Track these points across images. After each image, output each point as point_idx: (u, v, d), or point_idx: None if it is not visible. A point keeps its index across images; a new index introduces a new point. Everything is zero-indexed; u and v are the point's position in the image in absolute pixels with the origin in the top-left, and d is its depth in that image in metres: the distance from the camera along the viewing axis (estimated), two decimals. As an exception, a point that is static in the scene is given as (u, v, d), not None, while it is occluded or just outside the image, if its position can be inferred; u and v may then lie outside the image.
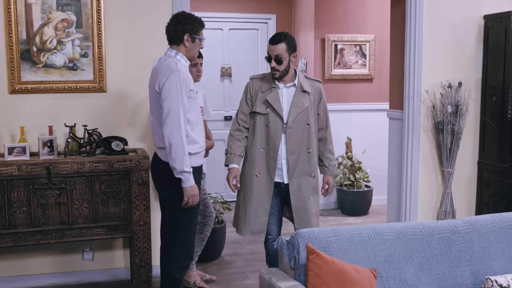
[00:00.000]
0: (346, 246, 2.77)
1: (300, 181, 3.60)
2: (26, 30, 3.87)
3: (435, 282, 2.84)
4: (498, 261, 2.95)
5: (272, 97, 3.51)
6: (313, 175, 3.66)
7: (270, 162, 3.56)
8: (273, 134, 3.53)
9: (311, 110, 3.56)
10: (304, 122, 3.55)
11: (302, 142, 3.56)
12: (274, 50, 3.45)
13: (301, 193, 3.61)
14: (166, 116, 3.05)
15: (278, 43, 3.45)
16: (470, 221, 3.02)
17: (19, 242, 3.59)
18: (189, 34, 3.20)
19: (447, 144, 4.66)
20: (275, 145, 3.53)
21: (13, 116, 3.90)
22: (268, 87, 3.54)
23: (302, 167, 3.58)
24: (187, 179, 3.08)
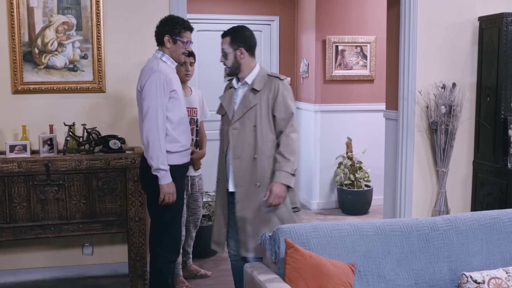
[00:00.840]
0: (325, 242, 2.86)
1: (249, 190, 3.23)
2: (29, 33, 4.03)
3: (412, 278, 2.92)
4: (476, 257, 3.02)
5: (225, 97, 3.34)
6: (259, 184, 3.22)
7: (221, 166, 3.35)
8: (225, 136, 3.30)
9: (260, 111, 3.18)
10: (250, 124, 3.19)
11: (248, 146, 3.20)
12: (221, 44, 3.31)
13: (248, 204, 3.24)
14: (145, 114, 3.20)
15: (223, 37, 3.30)
16: (449, 218, 3.10)
17: (19, 236, 3.74)
18: (169, 36, 3.33)
19: (441, 144, 4.72)
20: (223, 148, 3.33)
21: (15, 115, 4.06)
22: (228, 87, 3.40)
23: (249, 175, 3.22)
24: (163, 176, 3.21)
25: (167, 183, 3.21)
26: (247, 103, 3.20)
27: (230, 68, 3.30)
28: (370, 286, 2.85)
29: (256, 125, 3.18)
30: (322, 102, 6.29)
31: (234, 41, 3.25)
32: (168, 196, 3.24)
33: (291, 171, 3.20)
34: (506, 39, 4.48)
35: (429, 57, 4.75)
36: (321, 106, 6.28)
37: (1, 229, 3.70)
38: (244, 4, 6.70)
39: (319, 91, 6.27)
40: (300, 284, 2.61)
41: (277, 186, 3.16)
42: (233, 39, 3.25)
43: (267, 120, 3.19)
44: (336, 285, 2.67)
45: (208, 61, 6.68)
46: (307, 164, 6.60)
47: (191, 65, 4.14)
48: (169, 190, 3.23)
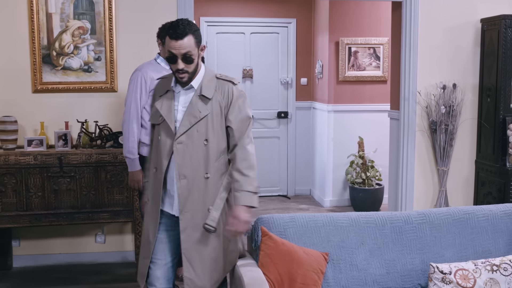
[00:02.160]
0: (301, 231, 3.07)
1: (196, 216, 2.70)
2: (47, 37, 4.38)
3: (384, 267, 3.09)
4: (449, 250, 3.16)
5: (163, 103, 2.75)
6: (211, 208, 2.72)
7: (156, 185, 2.76)
8: (162, 150, 2.72)
9: (212, 122, 2.69)
10: (201, 137, 2.68)
11: (198, 163, 2.69)
12: (180, 46, 2.59)
13: (195, 233, 2.70)
14: (124, 107, 3.64)
15: (184, 37, 2.59)
16: (424, 213, 3.25)
17: (35, 223, 4.09)
18: (159, 39, 3.66)
19: (441, 143, 4.83)
20: (162, 164, 2.72)
21: (35, 113, 4.42)
22: (164, 90, 2.78)
23: (198, 198, 2.70)
24: (129, 164, 3.66)
25: (131, 170, 3.66)
26: (195, 112, 2.68)
27: (191, 73, 2.68)
28: (342, 274, 3.04)
29: (208, 139, 2.69)
30: (335, 102, 6.45)
31: (198, 39, 2.67)
32: (133, 184, 3.63)
33: (253, 189, 2.73)
34: (505, 40, 4.56)
35: (430, 59, 4.87)
36: (334, 106, 6.45)
37: (19, 216, 4.06)
38: (262, 7, 6.93)
39: (332, 92, 6.44)
40: (271, 268, 2.83)
41: (242, 210, 2.68)
42: (197, 37, 2.66)
43: (220, 133, 2.72)
44: (306, 271, 2.87)
45: (226, 62, 6.94)
46: (321, 163, 6.78)
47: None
48: (133, 178, 3.64)
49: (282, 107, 7.13)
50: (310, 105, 7.13)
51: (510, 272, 2.97)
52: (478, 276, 2.95)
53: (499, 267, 2.97)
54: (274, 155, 7.15)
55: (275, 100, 7.11)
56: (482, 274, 2.95)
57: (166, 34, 2.64)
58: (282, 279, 2.81)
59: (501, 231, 3.23)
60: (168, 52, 2.62)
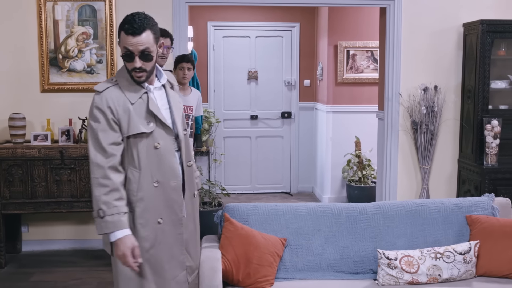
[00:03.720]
0: (262, 219, 3.39)
1: (188, 204, 2.68)
2: (54, 42, 4.82)
3: (338, 253, 3.38)
4: (400, 239, 3.42)
5: (153, 105, 2.53)
6: (196, 193, 2.78)
7: (173, 196, 2.57)
8: (168, 156, 2.56)
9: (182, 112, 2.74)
10: (184, 127, 2.69)
11: (188, 154, 2.69)
12: (138, 43, 2.41)
13: (190, 223, 2.71)
14: None
15: (142, 32, 2.41)
16: (379, 204, 3.52)
17: (39, 210, 4.53)
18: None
19: (422, 142, 5.06)
20: (175, 171, 2.57)
21: (43, 110, 4.86)
22: (138, 95, 2.51)
23: (189, 187, 2.69)
24: None
25: None
26: (178, 104, 2.70)
27: (149, 71, 2.52)
28: (299, 258, 3.34)
29: (186, 128, 2.73)
30: (334, 103, 6.72)
31: (156, 33, 2.51)
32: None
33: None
34: (482, 44, 4.77)
35: (414, 62, 5.10)
36: (333, 106, 6.72)
37: (25, 204, 4.50)
38: (266, 11, 7.25)
39: (331, 93, 6.71)
40: (229, 250, 3.15)
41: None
42: (155, 31, 2.50)
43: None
44: (262, 253, 3.18)
45: (232, 64, 7.29)
46: (321, 161, 7.05)
47: (188, 70, 4.64)
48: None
49: (285, 107, 7.44)
50: (313, 106, 7.41)
51: (452, 259, 3.22)
52: (422, 263, 3.20)
53: (442, 255, 3.23)
54: (278, 153, 7.46)
55: (279, 101, 7.43)
56: (426, 261, 3.21)
57: (121, 30, 2.44)
58: (238, 260, 3.13)
59: (451, 223, 3.47)
60: (124, 49, 2.43)
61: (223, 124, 7.32)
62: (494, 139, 4.76)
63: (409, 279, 3.18)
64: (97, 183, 2.42)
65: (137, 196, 2.50)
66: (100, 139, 2.44)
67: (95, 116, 2.48)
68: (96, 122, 2.46)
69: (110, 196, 2.40)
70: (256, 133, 7.39)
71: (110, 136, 2.45)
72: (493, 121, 4.74)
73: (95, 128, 2.46)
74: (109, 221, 2.39)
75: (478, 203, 3.55)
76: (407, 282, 3.18)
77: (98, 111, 2.47)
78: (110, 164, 2.43)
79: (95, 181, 2.42)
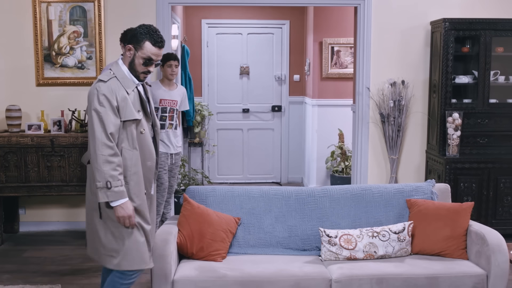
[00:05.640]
0: (219, 200, 3.76)
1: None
2: (48, 40, 5.25)
3: (287, 231, 3.74)
4: (344, 220, 3.77)
5: (143, 98, 3.12)
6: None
7: (147, 175, 3.14)
8: (148, 141, 3.12)
9: None
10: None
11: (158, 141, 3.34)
12: (160, 54, 3.07)
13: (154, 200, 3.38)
14: None
15: (162, 47, 3.06)
16: (327, 188, 3.87)
17: (32, 193, 4.97)
18: (122, 43, 4.39)
19: (390, 134, 5.37)
20: (152, 154, 3.16)
21: (38, 103, 5.30)
22: (132, 88, 3.05)
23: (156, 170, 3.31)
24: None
25: None
26: (152, 98, 3.34)
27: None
28: (251, 235, 3.71)
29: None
30: (319, 97, 7.05)
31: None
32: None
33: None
34: (445, 41, 5.05)
35: (383, 58, 5.41)
36: (318, 100, 7.05)
37: (19, 187, 4.94)
38: (258, 10, 7.60)
39: (317, 87, 7.04)
40: (185, 226, 3.54)
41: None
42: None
43: None
44: (215, 230, 3.56)
45: (225, 60, 7.67)
46: (308, 153, 7.39)
47: (175, 67, 5.00)
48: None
49: (276, 101, 7.80)
50: (302, 100, 7.75)
51: (387, 238, 3.56)
52: (360, 241, 3.55)
53: (379, 234, 3.57)
54: (268, 145, 7.82)
55: (270, 95, 7.78)
56: (364, 239, 3.55)
57: (147, 39, 2.97)
58: (193, 235, 3.51)
59: (392, 206, 3.81)
60: (147, 57, 2.98)
61: (216, 117, 7.71)
62: (455, 131, 5.05)
63: (347, 255, 3.52)
64: (104, 160, 2.87)
65: (131, 171, 3.00)
66: (106, 121, 2.90)
67: (101, 101, 2.92)
68: (102, 107, 2.91)
69: (116, 171, 2.89)
70: (248, 126, 7.77)
71: (114, 119, 2.92)
72: (454, 114, 5.03)
73: (101, 111, 2.90)
74: (116, 191, 2.89)
75: (419, 188, 3.87)
76: (345, 258, 3.52)
77: (104, 97, 2.92)
78: (115, 144, 2.92)
79: (102, 158, 2.87)
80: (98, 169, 2.88)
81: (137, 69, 3.04)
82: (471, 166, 5.05)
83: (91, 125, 2.92)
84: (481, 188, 5.06)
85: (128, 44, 3.03)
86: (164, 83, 4.92)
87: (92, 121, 2.92)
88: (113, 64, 3.11)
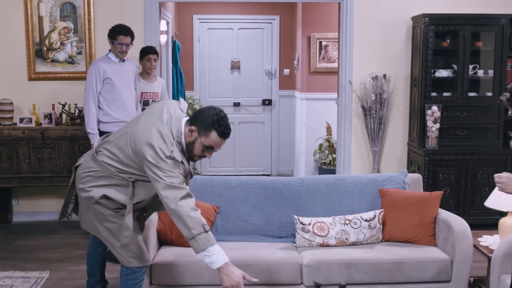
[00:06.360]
0: (199, 189, 3.91)
1: None
2: (39, 35, 5.41)
3: (263, 219, 3.89)
4: (319, 208, 3.92)
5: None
6: None
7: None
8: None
9: None
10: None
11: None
12: (222, 143, 3.03)
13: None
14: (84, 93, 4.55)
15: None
16: (302, 178, 4.02)
17: (23, 184, 5.15)
18: (109, 38, 4.54)
19: (371, 126, 5.52)
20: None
21: (30, 96, 5.46)
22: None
23: None
24: (91, 138, 4.51)
25: (92, 143, 4.45)
26: None
27: None
28: (229, 223, 3.87)
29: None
30: (308, 91, 7.19)
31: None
32: None
33: None
34: (425, 36, 5.19)
35: (365, 53, 5.55)
36: (306, 94, 7.19)
37: (11, 178, 5.12)
38: (248, 5, 7.74)
39: (305, 81, 7.18)
40: (165, 214, 3.64)
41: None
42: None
43: None
44: (194, 218, 3.71)
45: (216, 55, 7.82)
46: (296, 145, 7.55)
47: (154, 61, 5.17)
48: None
49: (266, 95, 7.95)
50: (292, 93, 7.90)
51: (359, 225, 3.71)
52: (332, 228, 3.70)
53: (350, 221, 3.72)
54: (259, 138, 7.98)
55: (260, 89, 7.94)
56: (336, 226, 3.71)
57: (215, 129, 2.86)
58: (172, 222, 3.64)
59: (365, 195, 3.95)
60: (210, 146, 2.91)
61: (208, 110, 7.85)
62: (434, 123, 5.19)
63: (320, 242, 3.68)
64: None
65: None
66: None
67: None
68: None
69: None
70: (239, 119, 7.92)
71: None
72: (433, 107, 5.17)
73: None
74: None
75: (392, 178, 4.02)
76: (318, 244, 3.68)
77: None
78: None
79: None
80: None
81: (195, 153, 2.95)
82: (450, 158, 5.19)
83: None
84: (460, 179, 5.21)
85: (193, 125, 2.88)
86: (144, 77, 5.08)
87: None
88: (173, 121, 2.90)
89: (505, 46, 5.25)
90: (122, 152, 2.96)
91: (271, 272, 3.40)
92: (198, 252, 2.84)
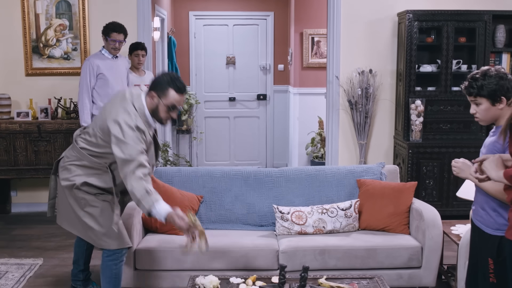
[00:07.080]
0: (184, 180, 4.10)
1: None
2: (36, 32, 5.60)
3: (245, 209, 4.06)
4: (299, 198, 4.08)
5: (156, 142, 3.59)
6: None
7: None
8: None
9: None
10: None
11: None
12: (183, 100, 3.26)
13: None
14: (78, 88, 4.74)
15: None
16: (284, 170, 4.19)
17: (20, 175, 5.35)
18: (103, 35, 4.72)
19: (358, 120, 5.67)
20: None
21: (27, 91, 5.65)
22: (151, 130, 3.44)
23: None
24: None
25: None
26: None
27: None
28: (213, 212, 4.05)
29: None
30: (300, 86, 7.34)
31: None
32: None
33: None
34: (409, 32, 5.33)
35: (352, 48, 5.69)
36: (299, 89, 7.34)
37: (9, 170, 5.32)
38: (243, 2, 7.90)
39: (298, 76, 7.34)
40: (150, 203, 3.87)
41: None
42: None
43: None
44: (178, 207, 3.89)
45: (212, 50, 7.99)
46: (290, 139, 7.71)
47: (142, 56, 5.33)
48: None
49: (261, 90, 8.11)
50: (286, 88, 8.05)
51: (335, 214, 3.87)
52: (310, 217, 3.86)
53: (328, 211, 3.88)
54: (254, 132, 8.15)
55: (255, 84, 8.10)
56: (314, 215, 3.87)
57: (171, 87, 3.09)
58: (157, 211, 3.85)
59: (343, 185, 4.12)
60: (171, 104, 3.11)
61: (204, 105, 8.04)
62: (418, 117, 5.33)
63: (298, 230, 3.85)
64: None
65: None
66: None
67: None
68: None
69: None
70: (234, 114, 8.09)
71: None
72: (416, 101, 5.31)
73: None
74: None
75: (369, 169, 4.18)
76: (297, 232, 3.85)
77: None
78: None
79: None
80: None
81: (161, 116, 3.18)
82: (433, 151, 5.33)
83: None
84: (443, 171, 5.35)
85: (152, 91, 3.13)
86: (134, 71, 5.28)
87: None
88: (134, 98, 3.17)
89: (488, 41, 5.37)
90: (93, 134, 3.23)
91: (248, 257, 3.57)
92: (146, 212, 3.12)
